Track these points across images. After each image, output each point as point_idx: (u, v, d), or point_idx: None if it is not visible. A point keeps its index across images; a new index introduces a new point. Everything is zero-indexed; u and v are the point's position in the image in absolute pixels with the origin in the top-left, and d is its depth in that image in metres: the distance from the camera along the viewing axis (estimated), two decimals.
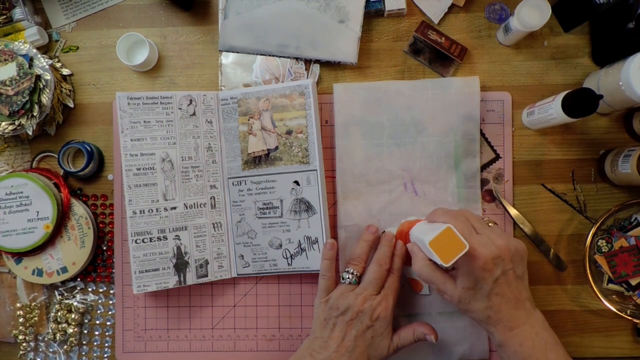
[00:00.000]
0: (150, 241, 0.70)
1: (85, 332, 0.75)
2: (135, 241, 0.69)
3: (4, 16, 0.74)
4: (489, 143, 0.73)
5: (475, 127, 0.72)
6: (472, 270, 0.56)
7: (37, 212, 0.71)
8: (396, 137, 0.72)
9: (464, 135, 0.72)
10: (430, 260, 0.58)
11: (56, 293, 0.75)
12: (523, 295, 0.58)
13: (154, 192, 0.70)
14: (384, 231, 0.71)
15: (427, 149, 0.72)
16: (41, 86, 0.70)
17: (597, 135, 0.73)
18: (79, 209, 0.73)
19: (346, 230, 0.72)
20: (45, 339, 0.75)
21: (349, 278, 0.65)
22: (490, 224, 0.62)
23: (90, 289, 0.76)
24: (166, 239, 0.71)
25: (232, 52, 0.75)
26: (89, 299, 0.76)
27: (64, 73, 0.76)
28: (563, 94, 0.63)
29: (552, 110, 0.64)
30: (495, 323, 0.57)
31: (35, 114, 0.70)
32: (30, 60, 0.70)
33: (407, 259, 0.65)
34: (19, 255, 0.72)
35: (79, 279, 0.76)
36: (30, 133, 0.71)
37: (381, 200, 0.72)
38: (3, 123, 0.70)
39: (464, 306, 0.58)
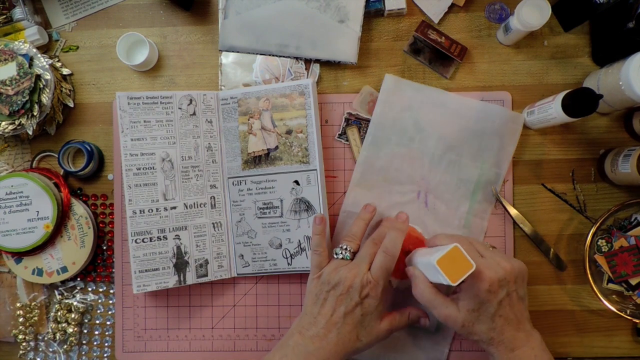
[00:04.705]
0: (150, 241, 0.70)
1: (85, 331, 0.75)
2: (135, 241, 0.69)
3: (4, 16, 0.74)
4: None
5: (506, 162, 0.71)
6: (478, 292, 0.56)
7: (37, 211, 0.71)
8: (426, 144, 0.72)
9: (491, 167, 0.71)
10: (432, 284, 0.59)
11: (56, 293, 0.75)
12: (524, 316, 0.59)
13: (154, 192, 0.70)
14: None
15: (452, 167, 0.72)
16: (41, 86, 0.70)
17: (597, 135, 0.73)
18: (79, 209, 0.73)
19: (348, 215, 0.72)
20: (45, 338, 0.75)
21: (342, 253, 0.64)
22: (490, 248, 0.63)
23: (90, 289, 0.76)
24: (166, 238, 0.71)
25: (232, 51, 0.75)
26: (88, 299, 0.76)
27: (64, 73, 0.76)
28: (563, 93, 0.63)
29: (552, 110, 0.64)
30: (497, 344, 0.57)
31: (35, 113, 0.70)
32: (30, 59, 0.70)
33: (397, 270, 0.65)
34: (19, 255, 0.72)
35: (79, 279, 0.76)
36: (30, 133, 0.71)
37: (391, 199, 0.72)
38: (3, 123, 0.70)
39: (467, 329, 0.58)
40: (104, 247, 0.76)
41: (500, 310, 0.57)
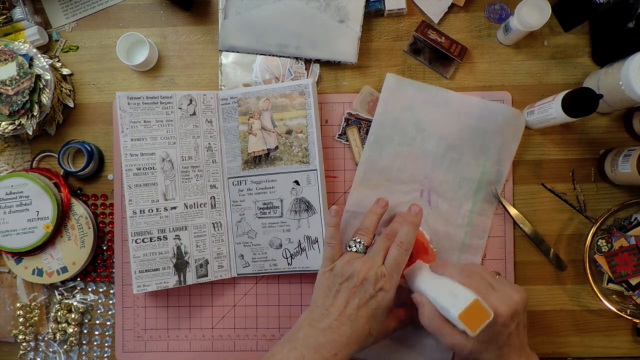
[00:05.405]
0: (150, 241, 0.70)
1: (85, 332, 0.75)
2: (135, 241, 0.69)
3: (4, 16, 0.74)
4: None
5: (508, 160, 0.71)
6: (492, 326, 0.55)
7: (37, 212, 0.71)
8: (428, 144, 0.72)
9: (494, 165, 0.71)
10: (439, 312, 0.57)
11: (56, 293, 0.75)
12: (525, 341, 0.59)
13: (154, 192, 0.70)
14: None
15: (454, 165, 0.71)
16: (41, 86, 0.70)
17: (597, 135, 0.73)
18: (79, 209, 0.73)
19: (352, 215, 0.72)
20: (45, 338, 0.75)
21: (355, 246, 0.64)
22: (496, 276, 0.62)
23: (90, 289, 0.76)
24: (166, 238, 0.71)
25: (232, 51, 0.75)
26: (89, 299, 0.76)
27: (64, 73, 0.76)
28: (563, 93, 0.63)
29: (552, 110, 0.64)
30: None
31: (35, 113, 0.70)
32: (30, 60, 0.70)
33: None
34: (19, 255, 0.72)
35: (79, 279, 0.76)
36: (30, 133, 0.71)
37: (394, 198, 0.72)
38: (3, 123, 0.70)
39: (473, 356, 0.57)
40: (104, 247, 0.76)
41: (508, 340, 0.57)
